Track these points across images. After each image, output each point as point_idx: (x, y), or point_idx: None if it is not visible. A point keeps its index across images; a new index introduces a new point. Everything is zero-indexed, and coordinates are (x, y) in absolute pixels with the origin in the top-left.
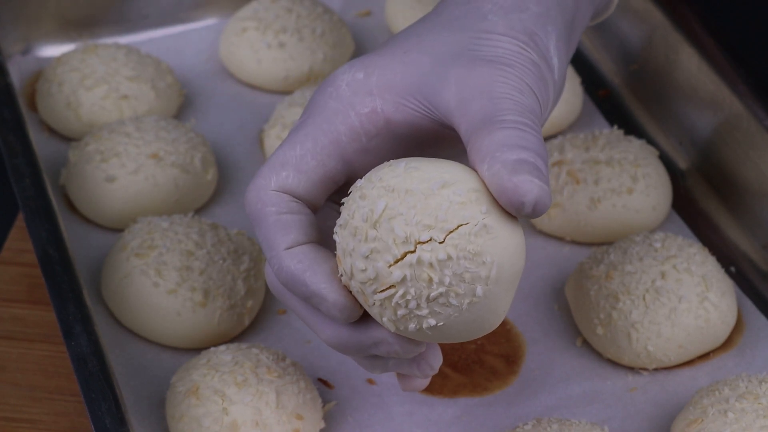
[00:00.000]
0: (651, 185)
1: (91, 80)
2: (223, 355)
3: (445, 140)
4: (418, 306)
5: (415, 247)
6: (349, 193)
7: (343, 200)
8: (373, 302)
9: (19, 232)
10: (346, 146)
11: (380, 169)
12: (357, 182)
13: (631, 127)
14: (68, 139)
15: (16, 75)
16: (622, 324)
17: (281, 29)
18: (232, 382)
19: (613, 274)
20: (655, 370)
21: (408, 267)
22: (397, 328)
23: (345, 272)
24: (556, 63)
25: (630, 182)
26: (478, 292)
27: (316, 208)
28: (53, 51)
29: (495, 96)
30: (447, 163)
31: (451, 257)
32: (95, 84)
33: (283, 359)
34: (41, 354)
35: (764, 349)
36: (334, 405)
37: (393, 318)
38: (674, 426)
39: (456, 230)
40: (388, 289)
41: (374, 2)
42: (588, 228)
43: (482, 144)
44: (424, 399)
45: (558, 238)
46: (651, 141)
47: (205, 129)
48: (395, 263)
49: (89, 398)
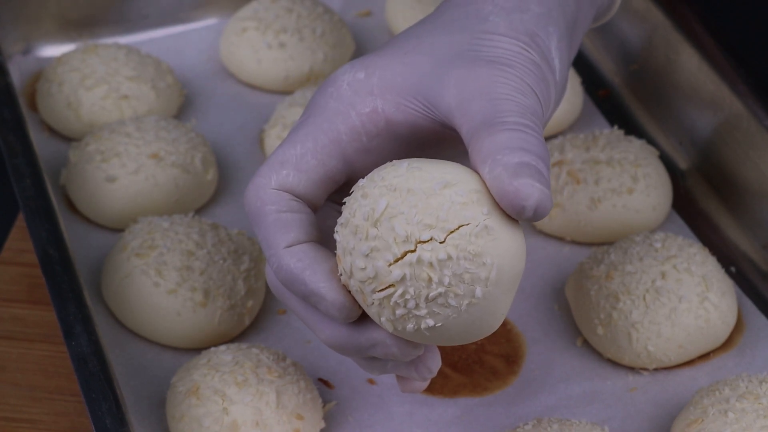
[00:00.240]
0: (651, 185)
1: (92, 80)
2: (224, 355)
3: (446, 141)
4: (417, 306)
5: (416, 247)
6: (351, 192)
7: (345, 199)
8: (372, 302)
9: (19, 232)
10: (346, 146)
11: (383, 169)
12: (359, 181)
13: (631, 127)
14: (68, 139)
15: (17, 75)
16: (622, 324)
17: (281, 29)
18: (232, 382)
19: (613, 274)
20: (656, 370)
21: (408, 266)
22: (395, 329)
23: (344, 271)
24: (557, 64)
25: (630, 182)
26: (478, 293)
27: (316, 208)
28: (53, 51)
29: (496, 97)
30: (449, 164)
31: (451, 257)
32: (95, 84)
33: (284, 359)
34: (41, 354)
35: (764, 349)
36: (334, 405)
37: (391, 318)
38: (674, 426)
39: (457, 230)
40: (387, 288)
41: (374, 2)
42: (588, 228)
43: (483, 146)
44: (424, 399)
45: (558, 238)
46: (651, 141)
47: (206, 129)
48: (395, 262)
49: (89, 398)
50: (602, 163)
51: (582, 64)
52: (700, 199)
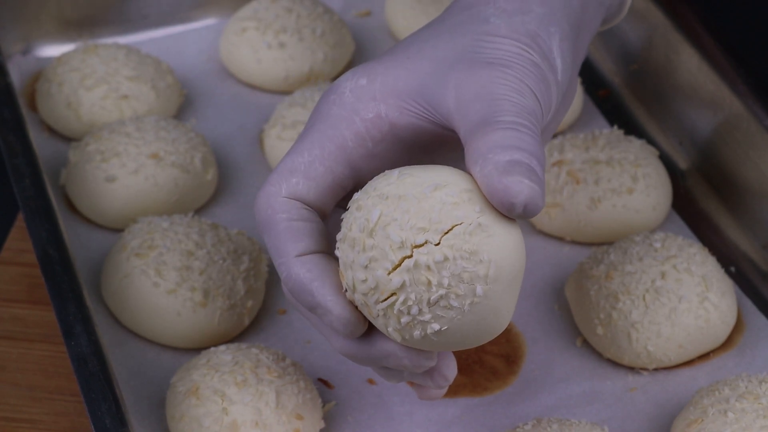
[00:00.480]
0: (651, 185)
1: (92, 80)
2: (223, 355)
3: (449, 144)
4: (420, 311)
5: (412, 252)
6: (347, 207)
7: (343, 215)
8: (377, 313)
9: (19, 232)
10: (352, 152)
11: (375, 180)
12: (354, 195)
13: (631, 127)
14: (68, 139)
15: (16, 75)
16: (622, 324)
17: (281, 29)
18: (232, 382)
19: (613, 274)
20: (655, 370)
21: (406, 272)
22: (403, 338)
23: (348, 286)
24: (559, 64)
25: (630, 182)
26: (479, 291)
27: (326, 215)
28: (53, 51)
29: (493, 97)
30: (440, 168)
31: (447, 258)
32: (95, 84)
33: (283, 359)
34: (41, 354)
35: (764, 349)
36: (334, 405)
37: (398, 327)
38: (674, 426)
39: (451, 231)
40: (389, 297)
41: (374, 2)
42: (588, 228)
43: (477, 145)
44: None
45: (558, 238)
46: (651, 141)
47: (205, 129)
48: (394, 270)
49: (89, 398)
50: (602, 163)
51: (582, 64)
52: (700, 199)
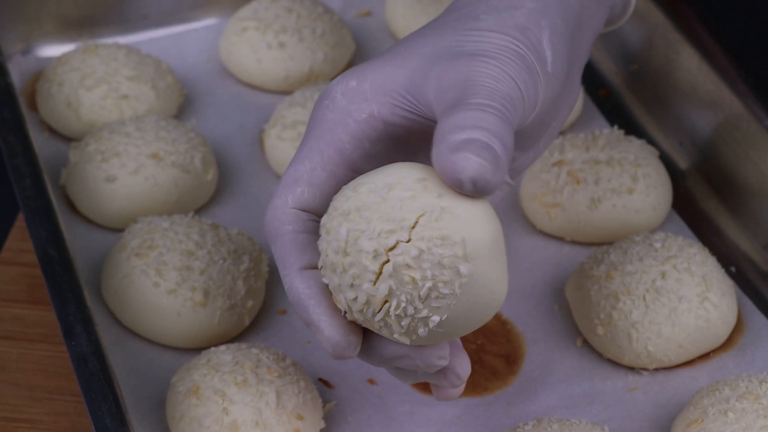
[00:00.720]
0: (651, 185)
1: (92, 80)
2: (224, 355)
3: None
4: (416, 309)
5: (388, 256)
6: (320, 234)
7: (317, 242)
8: (379, 325)
9: (19, 232)
10: (351, 154)
11: (334, 199)
12: (321, 220)
13: (631, 127)
14: (68, 139)
15: (17, 75)
16: (622, 324)
17: (281, 29)
18: (232, 382)
19: (613, 274)
20: (656, 370)
21: (389, 277)
22: (411, 340)
23: (344, 308)
24: (549, 56)
25: (630, 182)
26: (463, 271)
27: None
28: (53, 51)
29: (468, 84)
30: (391, 166)
31: (422, 250)
32: (95, 84)
33: (283, 359)
34: (41, 354)
35: (764, 349)
36: (334, 405)
37: (402, 331)
38: (674, 426)
39: (417, 224)
40: (383, 306)
41: (374, 2)
42: (588, 228)
43: (441, 127)
44: (424, 399)
45: (558, 238)
46: (651, 141)
47: (205, 129)
48: (377, 279)
49: (89, 398)
50: (602, 163)
51: None
52: (700, 199)
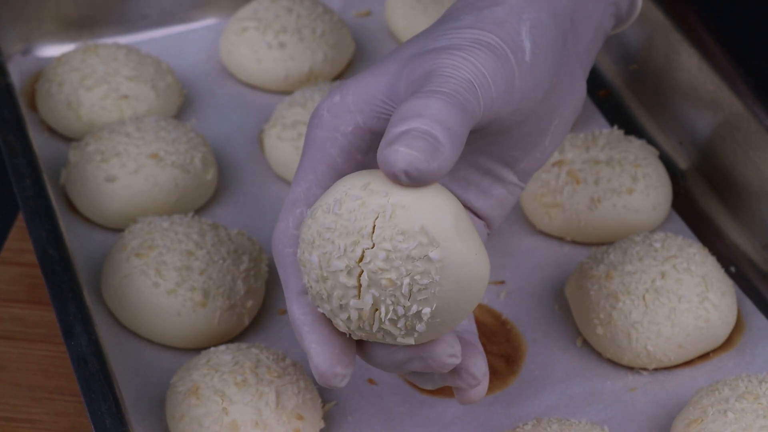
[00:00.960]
0: (651, 185)
1: (92, 80)
2: (223, 355)
3: None
4: (405, 308)
5: (360, 267)
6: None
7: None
8: (381, 335)
9: (19, 232)
10: (343, 167)
11: (300, 232)
12: (297, 255)
13: (631, 127)
14: (68, 139)
15: (17, 75)
16: (622, 324)
17: (281, 29)
18: (232, 382)
19: (613, 274)
20: (655, 370)
21: (368, 287)
22: (415, 339)
23: (346, 330)
24: (528, 46)
25: (630, 182)
26: (434, 257)
27: None
28: (53, 51)
29: (427, 75)
30: (337, 182)
31: (389, 250)
32: (95, 84)
33: (283, 359)
34: (41, 354)
35: (764, 349)
36: (334, 405)
37: (402, 332)
38: (674, 426)
39: (375, 227)
40: (374, 316)
41: (374, 2)
42: (588, 228)
43: (390, 121)
44: (424, 399)
45: (558, 238)
46: (651, 141)
47: (205, 129)
48: (359, 292)
49: (89, 398)
50: (602, 163)
51: None
52: (700, 199)
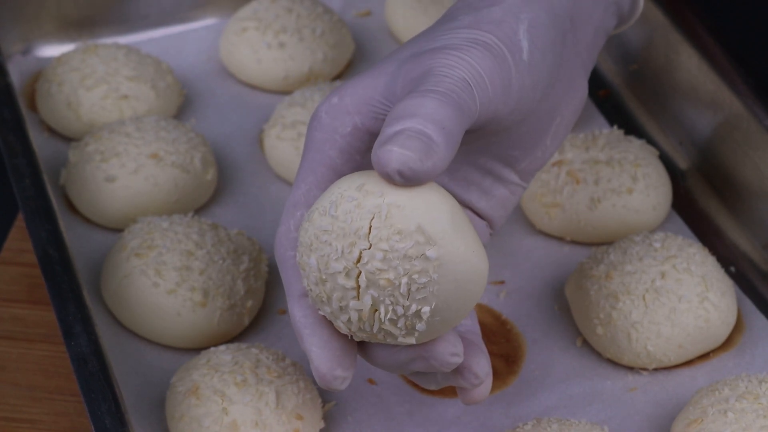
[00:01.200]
0: (651, 185)
1: (91, 80)
2: (223, 355)
3: None
4: (405, 307)
5: (358, 269)
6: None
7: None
8: (382, 335)
9: (19, 232)
10: (342, 168)
11: (298, 235)
12: (296, 259)
13: (631, 127)
14: (68, 139)
15: (16, 75)
16: (622, 324)
17: (281, 29)
18: (231, 382)
19: (613, 274)
20: (655, 370)
21: (367, 288)
22: (416, 338)
23: (347, 332)
24: (525, 45)
25: (630, 182)
26: (431, 255)
27: None
28: (53, 51)
29: (423, 75)
30: (333, 185)
31: (386, 251)
32: (95, 84)
33: (283, 359)
34: (41, 354)
35: (764, 349)
36: (334, 405)
37: (403, 332)
38: (674, 426)
39: (371, 228)
40: (375, 316)
41: (374, 2)
42: (588, 228)
43: (385, 121)
44: (424, 399)
45: (558, 238)
46: (651, 141)
47: (205, 129)
48: (358, 293)
49: (89, 398)
50: (602, 163)
51: None
52: (700, 199)
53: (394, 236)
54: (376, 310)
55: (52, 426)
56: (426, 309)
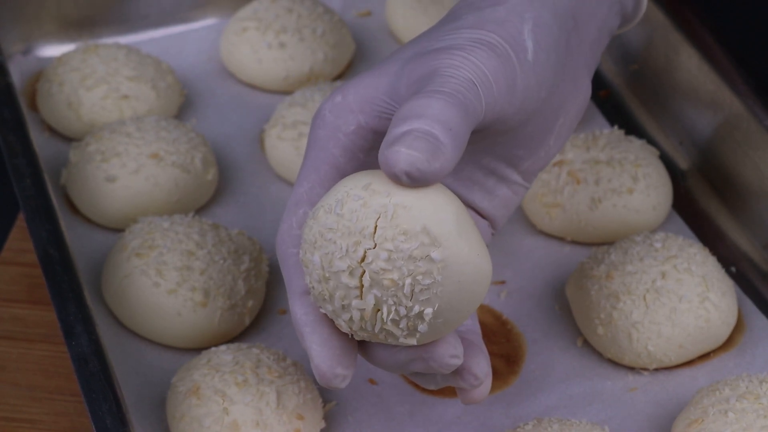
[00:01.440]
0: (651, 185)
1: (92, 80)
2: (224, 355)
3: None
4: (407, 308)
5: (362, 268)
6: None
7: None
8: (383, 335)
9: (19, 232)
10: (346, 167)
11: (302, 232)
12: (299, 256)
13: (631, 127)
14: (69, 139)
15: (17, 75)
16: (622, 324)
17: (281, 29)
18: (232, 382)
19: (613, 274)
20: (656, 370)
21: (371, 287)
22: (417, 339)
23: (348, 331)
24: (530, 45)
25: (630, 182)
26: (435, 257)
27: None
28: (54, 51)
29: (428, 76)
30: (339, 183)
31: (390, 251)
32: (96, 84)
33: (284, 359)
34: (41, 354)
35: (765, 349)
36: (335, 405)
37: (404, 333)
38: (675, 426)
39: (377, 227)
40: (377, 316)
41: (374, 2)
42: (588, 228)
43: (391, 122)
44: (424, 399)
45: (558, 238)
46: (651, 141)
47: (206, 129)
48: (362, 293)
49: (90, 398)
50: (602, 163)
51: None
52: (700, 199)
53: (399, 236)
54: (379, 310)
55: (52, 426)
56: (429, 310)
